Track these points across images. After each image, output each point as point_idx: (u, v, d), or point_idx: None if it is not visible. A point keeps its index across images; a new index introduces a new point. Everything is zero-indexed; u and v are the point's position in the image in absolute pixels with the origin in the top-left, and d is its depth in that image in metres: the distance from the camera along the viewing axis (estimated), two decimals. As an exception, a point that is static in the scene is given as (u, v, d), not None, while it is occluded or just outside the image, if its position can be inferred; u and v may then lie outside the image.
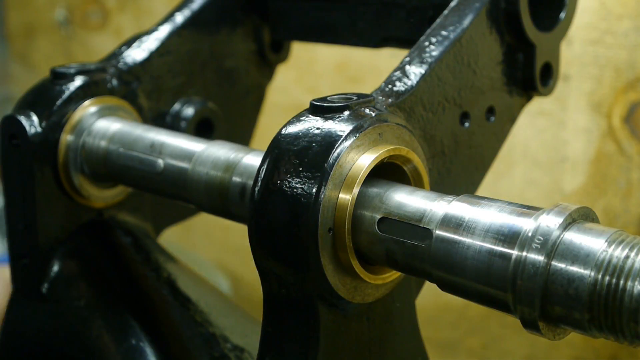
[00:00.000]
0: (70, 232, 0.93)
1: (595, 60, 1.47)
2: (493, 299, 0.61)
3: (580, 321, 0.57)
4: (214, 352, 0.87)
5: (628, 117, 1.47)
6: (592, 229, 0.58)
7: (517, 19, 0.86)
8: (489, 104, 0.87)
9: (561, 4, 0.92)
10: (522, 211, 0.61)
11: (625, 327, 0.55)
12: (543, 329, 0.59)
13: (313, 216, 0.64)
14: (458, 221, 0.63)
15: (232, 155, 0.80)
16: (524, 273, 0.58)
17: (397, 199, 0.67)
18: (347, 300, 0.68)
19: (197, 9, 1.03)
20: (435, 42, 0.81)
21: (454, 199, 0.65)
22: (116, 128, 0.89)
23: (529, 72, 0.89)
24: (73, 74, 0.91)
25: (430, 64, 0.79)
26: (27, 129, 0.87)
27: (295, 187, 0.65)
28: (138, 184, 0.89)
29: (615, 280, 0.55)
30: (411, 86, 0.77)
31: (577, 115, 1.52)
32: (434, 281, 0.65)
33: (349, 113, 0.68)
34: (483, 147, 0.87)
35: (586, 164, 1.52)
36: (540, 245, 0.57)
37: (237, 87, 1.10)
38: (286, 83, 1.79)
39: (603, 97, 1.49)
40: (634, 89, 1.45)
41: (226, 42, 1.07)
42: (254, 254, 0.68)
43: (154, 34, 1.00)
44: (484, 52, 0.85)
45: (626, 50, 1.44)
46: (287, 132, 0.68)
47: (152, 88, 0.98)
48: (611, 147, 1.48)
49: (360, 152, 0.67)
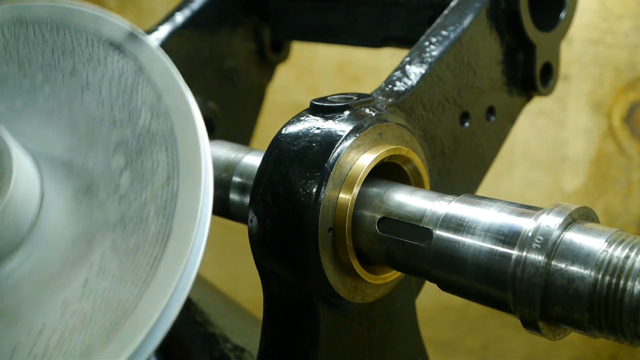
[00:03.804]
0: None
1: (595, 60, 1.47)
2: (493, 298, 0.61)
3: (580, 321, 0.57)
4: (214, 352, 0.87)
5: (628, 117, 1.47)
6: (592, 229, 0.58)
7: (517, 18, 0.86)
8: (489, 103, 0.87)
9: (561, 4, 0.92)
10: (522, 211, 0.61)
11: (625, 327, 0.55)
12: (543, 329, 0.59)
13: (313, 216, 0.64)
14: (458, 221, 0.63)
15: (232, 155, 0.80)
16: (524, 273, 0.58)
17: (397, 198, 0.67)
18: (347, 300, 0.68)
19: (197, 9, 1.03)
20: (436, 42, 0.81)
21: (454, 199, 0.65)
22: (116, 128, 0.89)
23: (529, 72, 0.90)
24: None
25: (431, 64, 0.79)
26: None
27: (296, 187, 0.65)
28: (138, 184, 0.89)
29: (615, 280, 0.55)
30: (411, 86, 0.77)
31: (577, 115, 1.52)
32: (434, 281, 0.65)
33: (349, 113, 0.68)
34: (483, 147, 0.87)
35: (586, 164, 1.52)
36: (540, 245, 0.57)
37: (237, 87, 1.10)
38: (286, 83, 1.79)
39: (603, 97, 1.49)
40: (634, 89, 1.45)
41: (226, 42, 1.07)
42: (254, 254, 0.68)
43: (154, 34, 1.00)
44: (484, 52, 0.85)
45: (626, 50, 1.44)
46: (287, 132, 0.68)
47: (152, 88, 0.98)
48: (611, 147, 1.48)
49: (360, 152, 0.67)
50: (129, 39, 0.61)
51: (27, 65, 0.63)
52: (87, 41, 0.62)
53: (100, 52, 0.61)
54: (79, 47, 0.62)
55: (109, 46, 0.61)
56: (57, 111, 0.60)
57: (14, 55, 0.63)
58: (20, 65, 0.63)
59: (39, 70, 0.62)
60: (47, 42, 0.63)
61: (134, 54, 0.60)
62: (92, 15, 0.63)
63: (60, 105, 0.61)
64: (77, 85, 0.61)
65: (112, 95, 0.59)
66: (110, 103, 0.59)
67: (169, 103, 0.58)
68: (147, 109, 0.58)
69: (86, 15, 0.63)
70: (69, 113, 0.60)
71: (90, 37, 0.62)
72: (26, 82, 0.62)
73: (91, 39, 0.62)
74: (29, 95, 0.62)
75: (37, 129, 0.60)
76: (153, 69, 0.59)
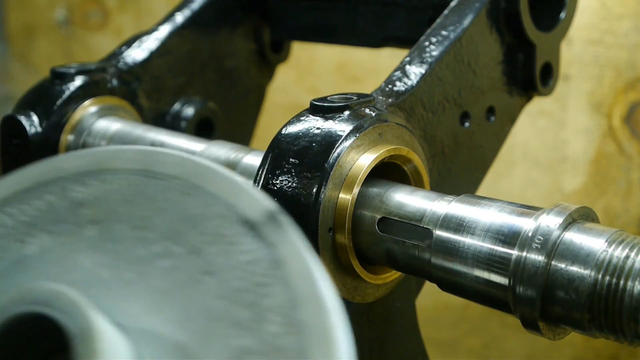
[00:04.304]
0: (70, 232, 0.93)
1: (595, 60, 1.47)
2: (493, 298, 0.61)
3: (580, 321, 0.57)
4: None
5: (628, 117, 1.47)
6: (592, 229, 0.58)
7: (517, 18, 0.86)
8: (489, 103, 0.87)
9: (561, 4, 0.92)
10: (522, 211, 0.61)
11: (625, 327, 0.55)
12: (543, 329, 0.59)
13: (313, 216, 0.64)
14: (458, 221, 0.63)
15: (232, 155, 0.80)
16: (524, 273, 0.58)
17: (397, 199, 0.67)
18: (347, 300, 0.68)
19: (197, 9, 1.03)
20: (436, 42, 0.81)
21: (454, 199, 0.65)
22: (116, 128, 0.89)
23: (529, 72, 0.90)
24: (73, 74, 0.91)
25: (431, 64, 0.79)
26: (27, 129, 0.87)
27: (295, 187, 0.65)
28: (138, 184, 0.89)
29: (615, 280, 0.55)
30: (411, 86, 0.77)
31: (577, 115, 1.52)
32: (434, 281, 0.65)
33: (349, 113, 0.68)
34: (483, 147, 0.87)
35: (586, 164, 1.52)
36: (540, 245, 0.57)
37: (237, 87, 1.10)
38: (286, 83, 1.79)
39: (603, 97, 1.49)
40: (634, 89, 1.45)
41: (226, 42, 1.07)
42: (254, 254, 0.68)
43: (154, 34, 1.00)
44: (484, 52, 0.85)
45: (626, 50, 1.44)
46: (287, 132, 0.68)
47: (152, 88, 0.98)
48: (611, 147, 1.48)
49: (360, 152, 0.67)
50: (269, 220, 0.50)
51: (146, 228, 0.53)
52: (219, 214, 0.51)
53: (232, 230, 0.51)
54: (208, 220, 0.51)
55: (243, 224, 0.51)
56: (170, 293, 0.50)
57: (134, 213, 0.53)
58: (138, 227, 0.53)
59: (159, 238, 0.52)
60: (172, 205, 0.53)
61: (272, 240, 0.49)
62: (230, 181, 0.52)
63: (175, 286, 0.50)
64: (199, 267, 0.50)
65: (238, 287, 0.49)
66: (235, 297, 0.49)
67: (306, 315, 0.47)
68: (277, 316, 0.47)
69: (223, 180, 0.53)
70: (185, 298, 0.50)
71: (223, 208, 0.51)
72: (141, 250, 0.52)
73: (225, 212, 0.51)
74: (142, 267, 0.51)
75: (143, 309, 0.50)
76: (292, 265, 0.48)
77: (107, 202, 0.55)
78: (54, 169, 0.58)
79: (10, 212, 0.57)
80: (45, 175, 0.58)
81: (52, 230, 0.55)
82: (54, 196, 0.56)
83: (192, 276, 0.50)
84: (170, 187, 0.54)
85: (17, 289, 0.49)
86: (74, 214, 0.55)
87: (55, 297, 0.47)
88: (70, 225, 0.55)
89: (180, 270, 0.51)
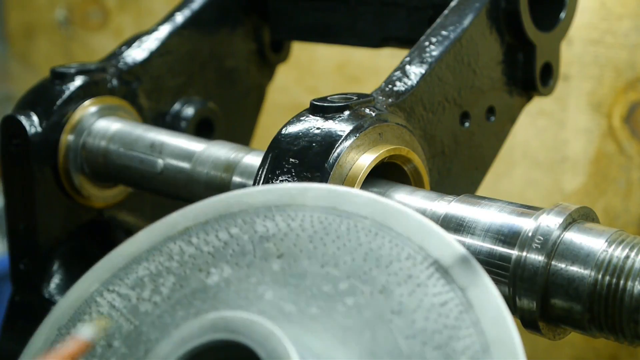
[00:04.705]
0: (70, 232, 0.93)
1: (595, 60, 1.47)
2: (493, 298, 0.61)
3: (580, 321, 0.57)
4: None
5: (628, 117, 1.47)
6: (592, 229, 0.58)
7: (517, 18, 0.86)
8: (489, 103, 0.87)
9: (561, 4, 0.92)
10: (522, 211, 0.61)
11: (625, 327, 0.55)
12: (543, 328, 0.59)
13: (313, 216, 0.64)
14: (458, 221, 0.63)
15: (233, 155, 0.80)
16: (524, 273, 0.58)
17: (397, 198, 0.67)
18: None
19: (197, 8, 1.03)
20: (436, 42, 0.81)
21: (454, 199, 0.65)
22: (116, 128, 0.89)
23: (529, 72, 0.90)
24: (73, 74, 0.91)
25: (431, 64, 0.79)
26: (27, 129, 0.87)
27: (296, 187, 0.65)
28: (138, 183, 0.89)
29: (615, 280, 0.55)
30: (411, 86, 0.77)
31: (577, 115, 1.52)
32: (434, 281, 0.65)
33: (349, 113, 0.68)
34: (483, 147, 0.87)
35: (586, 164, 1.52)
36: (540, 245, 0.57)
37: (237, 87, 1.10)
38: (286, 83, 1.79)
39: (603, 97, 1.49)
40: (634, 89, 1.45)
41: (226, 42, 1.07)
42: (254, 254, 0.68)
43: (154, 34, 1.00)
44: (484, 52, 0.85)
45: (626, 50, 1.44)
46: (287, 132, 0.68)
47: (152, 88, 0.98)
48: (611, 147, 1.48)
49: (360, 152, 0.67)
50: (461, 264, 0.50)
51: (332, 266, 0.52)
52: (408, 255, 0.51)
53: (422, 273, 0.50)
54: (397, 260, 0.51)
55: (433, 267, 0.50)
56: (357, 330, 0.50)
57: (320, 249, 0.53)
58: (324, 264, 0.53)
59: (345, 276, 0.52)
60: (360, 244, 0.53)
61: (463, 284, 0.49)
62: (420, 224, 0.52)
63: (362, 325, 0.50)
64: (386, 307, 0.50)
65: (427, 329, 0.48)
66: (424, 338, 0.48)
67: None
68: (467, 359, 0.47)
69: (412, 222, 0.52)
70: (372, 336, 0.49)
71: (413, 251, 0.51)
72: (327, 287, 0.52)
73: (414, 253, 0.51)
74: (327, 303, 0.51)
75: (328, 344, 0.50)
76: (484, 310, 0.48)
77: (293, 237, 0.55)
78: (240, 202, 0.57)
79: (194, 242, 0.57)
80: (231, 208, 0.57)
81: (236, 262, 0.55)
82: (239, 229, 0.56)
83: (380, 315, 0.50)
84: (358, 226, 0.54)
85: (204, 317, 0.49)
86: (259, 248, 0.55)
87: (251, 326, 0.47)
88: (254, 258, 0.55)
89: (367, 309, 0.50)
